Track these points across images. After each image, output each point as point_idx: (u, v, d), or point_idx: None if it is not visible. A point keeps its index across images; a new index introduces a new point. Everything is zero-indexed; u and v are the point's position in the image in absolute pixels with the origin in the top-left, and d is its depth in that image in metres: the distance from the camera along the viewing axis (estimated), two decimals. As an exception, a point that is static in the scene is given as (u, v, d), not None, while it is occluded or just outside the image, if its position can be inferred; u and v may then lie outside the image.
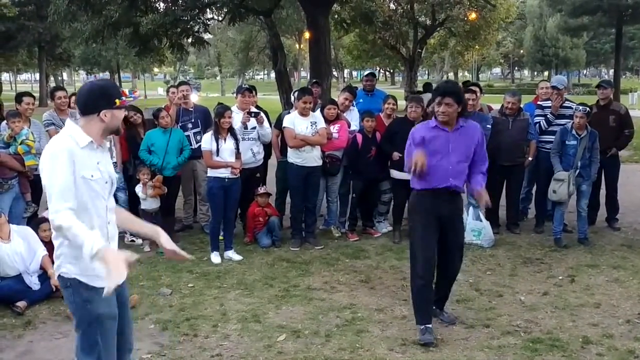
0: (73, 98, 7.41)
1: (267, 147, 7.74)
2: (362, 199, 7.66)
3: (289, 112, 7.39)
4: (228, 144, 6.60)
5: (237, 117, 7.06)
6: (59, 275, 3.02)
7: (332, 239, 7.56)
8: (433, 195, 4.63)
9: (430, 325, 4.64)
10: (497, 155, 7.40)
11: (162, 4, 14.50)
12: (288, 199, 7.74)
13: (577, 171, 6.98)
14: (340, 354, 4.44)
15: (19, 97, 7.06)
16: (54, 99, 7.40)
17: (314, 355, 4.41)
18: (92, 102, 2.98)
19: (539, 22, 57.72)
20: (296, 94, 7.48)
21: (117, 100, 3.00)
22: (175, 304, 5.45)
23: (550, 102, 7.67)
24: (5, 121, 6.71)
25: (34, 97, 7.30)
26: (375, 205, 7.84)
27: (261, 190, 7.37)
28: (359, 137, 7.43)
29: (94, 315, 2.98)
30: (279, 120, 7.61)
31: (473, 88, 7.54)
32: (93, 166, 2.96)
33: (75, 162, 2.87)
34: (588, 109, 7.07)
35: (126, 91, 3.39)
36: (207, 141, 6.63)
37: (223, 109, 6.62)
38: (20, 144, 6.55)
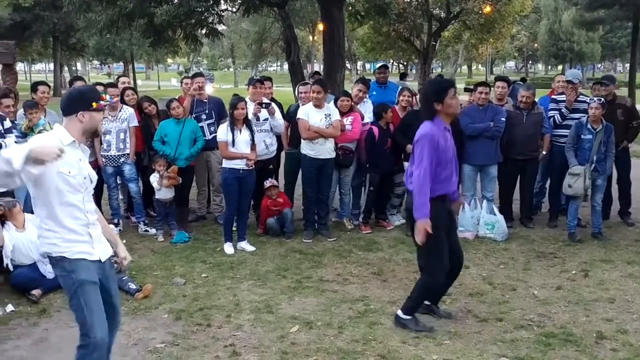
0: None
1: (281, 139, 7.75)
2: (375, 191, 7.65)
3: (299, 105, 7.39)
4: (244, 135, 6.61)
5: (249, 109, 7.06)
6: (49, 256, 3.42)
7: (344, 231, 7.58)
8: (447, 199, 4.62)
9: None
10: (511, 149, 7.41)
11: (176, -5, 14.51)
12: (297, 191, 7.75)
13: (593, 165, 6.93)
14: (353, 345, 4.45)
15: (35, 86, 7.17)
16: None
17: (327, 347, 4.43)
18: (71, 104, 3.38)
19: (554, 15, 57.13)
20: (299, 87, 7.48)
21: (93, 103, 3.38)
22: (189, 294, 5.49)
23: (565, 96, 7.61)
24: (21, 111, 6.77)
25: (49, 86, 7.38)
26: (388, 198, 7.84)
27: (267, 184, 7.34)
28: (376, 130, 7.41)
29: (78, 282, 3.37)
30: (289, 111, 7.62)
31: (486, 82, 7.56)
32: (73, 163, 3.32)
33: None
34: (603, 99, 7.03)
35: (106, 97, 3.76)
36: (223, 132, 6.64)
37: (237, 100, 6.62)
38: (38, 133, 6.59)
